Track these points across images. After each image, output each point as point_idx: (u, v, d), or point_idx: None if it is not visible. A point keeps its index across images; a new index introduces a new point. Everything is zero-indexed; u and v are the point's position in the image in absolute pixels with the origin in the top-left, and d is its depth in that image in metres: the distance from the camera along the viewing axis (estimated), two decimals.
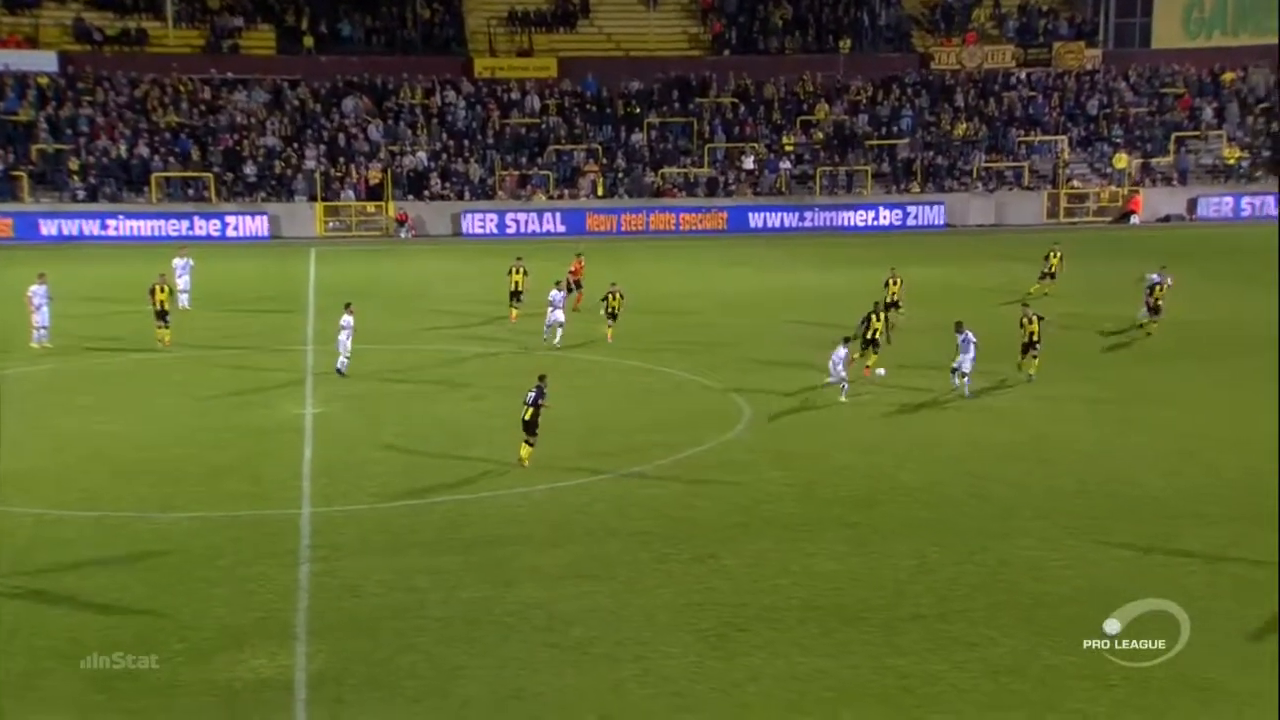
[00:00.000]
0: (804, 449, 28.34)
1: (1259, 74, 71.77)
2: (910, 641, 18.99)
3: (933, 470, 26.72)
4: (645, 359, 36.73)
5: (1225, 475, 26.11)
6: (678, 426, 29.96)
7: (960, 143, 68.08)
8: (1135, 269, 50.45)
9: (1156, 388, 33.16)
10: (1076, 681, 17.67)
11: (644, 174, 66.27)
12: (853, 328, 33.74)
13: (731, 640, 19.08)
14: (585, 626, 19.53)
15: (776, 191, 65.93)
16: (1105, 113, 69.99)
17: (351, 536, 23.34)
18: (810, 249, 58.65)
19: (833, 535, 23.22)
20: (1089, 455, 27.54)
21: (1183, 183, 66.52)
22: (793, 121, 69.31)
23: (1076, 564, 21.70)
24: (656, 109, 69.36)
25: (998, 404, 31.66)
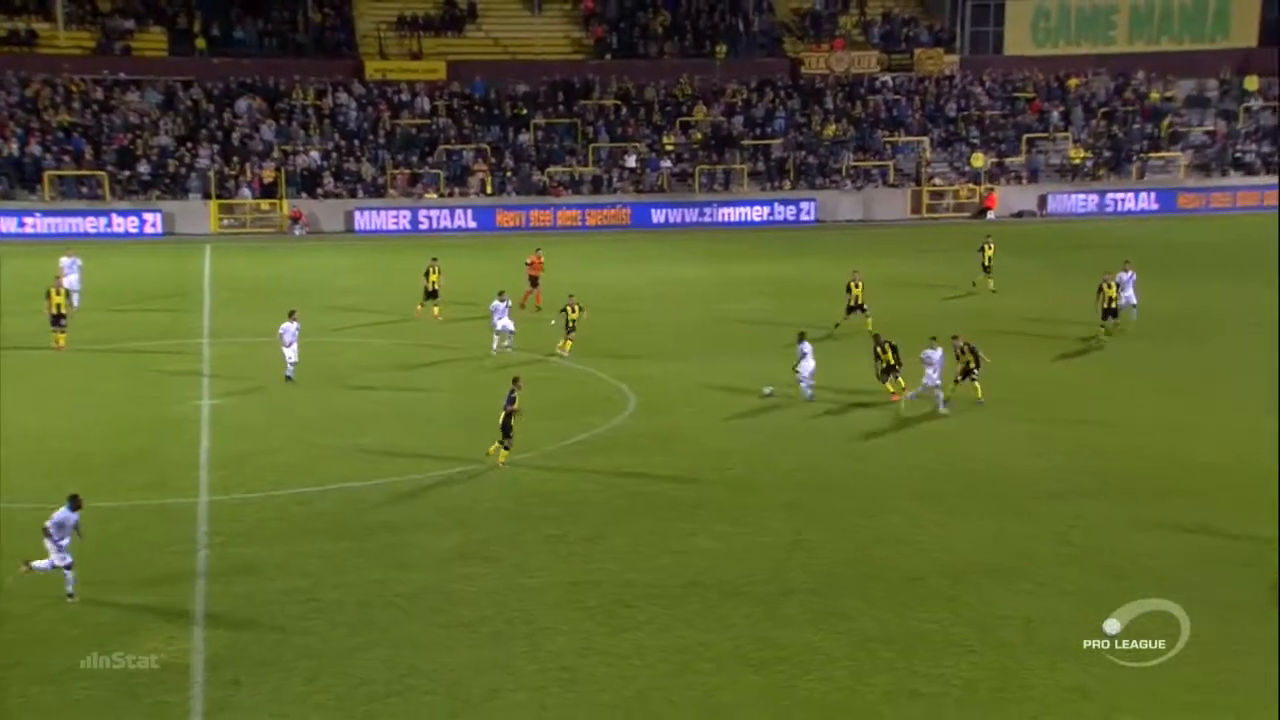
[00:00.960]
0: (688, 434, 28.43)
1: (1099, 80, 73.70)
2: (787, 614, 19.17)
3: (810, 453, 26.97)
4: (536, 349, 36.56)
5: (1080, 456, 26.64)
6: (567, 414, 29.88)
7: (830, 143, 68.88)
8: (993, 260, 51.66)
9: (1021, 376, 33.64)
10: (940, 647, 17.98)
11: (531, 173, 66.01)
12: (741, 316, 33.87)
13: (618, 616, 19.09)
14: (476, 606, 19.40)
15: (658, 189, 66.10)
16: (963, 115, 71.30)
17: (248, 523, 22.91)
18: (690, 243, 58.89)
19: (715, 515, 23.34)
20: (955, 438, 27.95)
21: (1033, 180, 68.05)
22: (672, 122, 69.55)
23: (941, 539, 22.07)
24: (542, 110, 69.13)
25: (870, 386, 31.96)
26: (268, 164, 63.73)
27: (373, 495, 24.45)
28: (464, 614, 19.14)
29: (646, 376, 33.18)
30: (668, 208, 64.52)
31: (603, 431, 28.62)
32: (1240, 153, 69.97)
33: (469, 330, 38.71)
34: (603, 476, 25.48)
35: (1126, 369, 34.02)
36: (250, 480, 25.17)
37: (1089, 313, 37.34)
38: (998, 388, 31.34)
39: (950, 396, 29.71)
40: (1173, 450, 26.77)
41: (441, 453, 26.78)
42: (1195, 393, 31.31)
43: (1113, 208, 66.34)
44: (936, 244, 57.27)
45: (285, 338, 32.40)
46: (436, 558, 21.36)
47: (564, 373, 34.13)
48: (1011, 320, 39.77)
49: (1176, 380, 32.74)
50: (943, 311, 40.58)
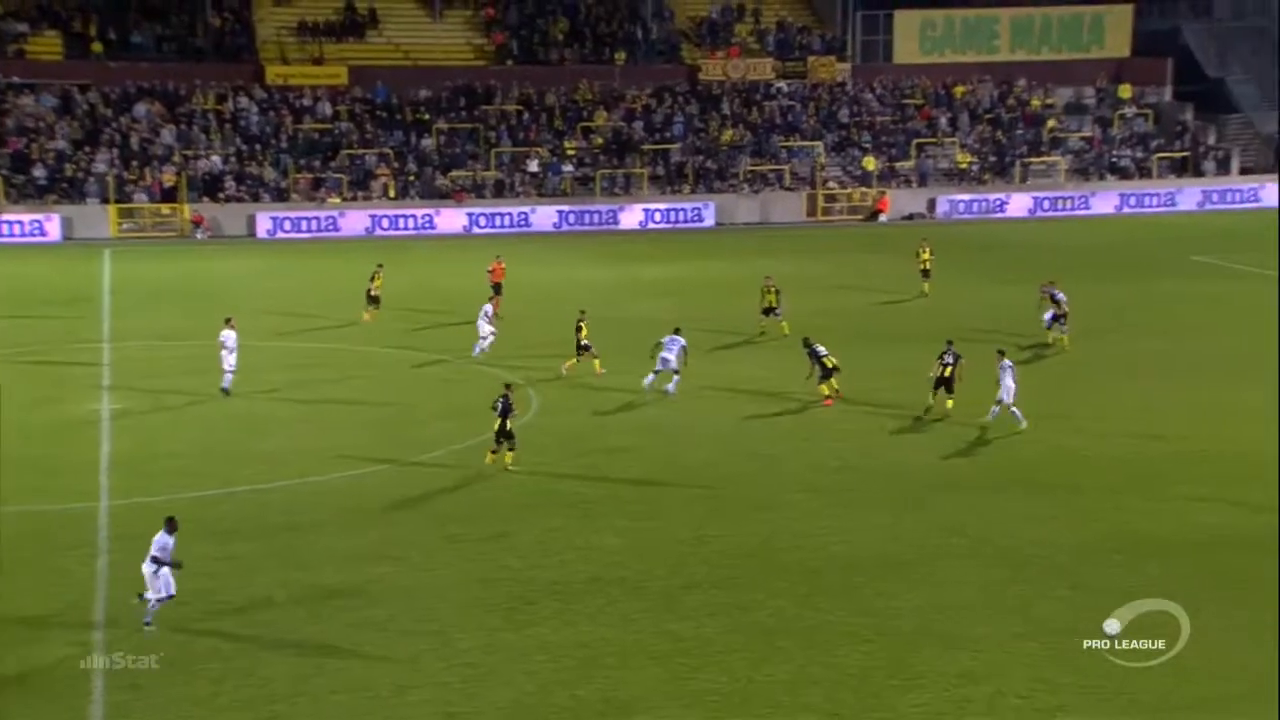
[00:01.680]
0: (591, 433, 28.42)
1: (984, 88, 75.12)
2: (688, 608, 19.25)
3: (710, 450, 27.09)
4: (438, 351, 36.30)
5: (975, 451, 26.97)
6: (470, 414, 29.64)
7: (727, 148, 69.33)
8: (885, 261, 52.51)
9: (916, 372, 34.04)
10: (837, 638, 18.19)
11: (434, 177, 65.50)
12: (636, 318, 33.93)
13: (521, 613, 19.02)
14: (382, 606, 19.21)
15: (560, 193, 65.99)
16: (855, 121, 72.19)
17: (150, 527, 22.24)
18: (591, 246, 58.85)
19: (618, 512, 23.37)
20: (853, 435, 28.19)
21: (923, 184, 69.10)
22: (573, 127, 69.46)
23: (837, 532, 22.30)
24: (444, 115, 68.63)
25: (770, 387, 32.24)
26: (168, 168, 62.42)
27: (277, 497, 24.07)
28: (370, 613, 18.94)
29: (551, 378, 33.08)
30: (570, 211, 64.41)
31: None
32: (1116, 158, 71.76)
33: (379, 333, 38.32)
34: (506, 475, 25.35)
35: (1022, 366, 34.51)
36: (152, 484, 24.64)
37: (988, 309, 37.89)
38: (899, 385, 31.82)
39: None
40: (1062, 443, 27.34)
41: (347, 454, 26.44)
42: (1085, 387, 31.97)
43: (998, 210, 67.59)
44: (832, 245, 57.95)
45: (228, 344, 30.82)
46: (342, 558, 21.09)
47: (467, 373, 33.90)
48: (909, 319, 40.40)
49: (1067, 376, 33.39)
50: (842, 308, 41.00)
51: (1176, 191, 69.08)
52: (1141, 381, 31.66)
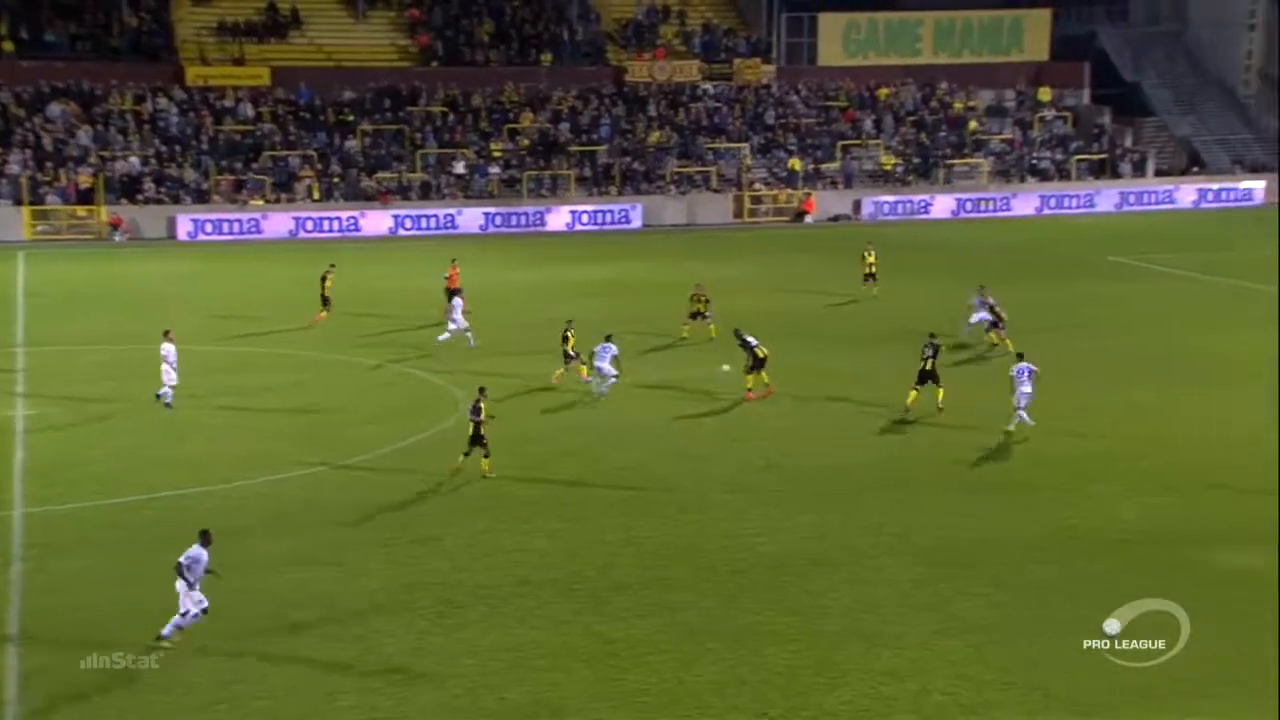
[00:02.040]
0: (522, 434, 28.30)
1: (907, 90, 76.02)
2: (617, 609, 19.28)
3: (640, 451, 27.13)
4: (366, 354, 36.03)
5: (898, 449, 27.31)
6: (399, 417, 29.53)
7: (654, 149, 69.51)
8: (811, 260, 52.98)
9: (847, 371, 34.37)
10: (764, 637, 18.31)
11: (359, 179, 64.97)
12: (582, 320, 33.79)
13: (450, 616, 18.95)
14: (308, 610, 19.04)
15: (487, 195, 65.75)
16: (781, 123, 72.70)
17: (67, 536, 22.03)
18: (518, 248, 58.69)
19: (548, 514, 23.35)
20: (782, 434, 28.37)
21: (848, 186, 69.76)
22: (500, 129, 69.25)
23: (764, 532, 22.44)
24: (369, 117, 68.09)
25: (699, 387, 32.36)
26: (84, 170, 61.30)
27: (201, 503, 23.74)
28: (296, 618, 18.76)
29: (477, 379, 32.89)
30: (496, 213, 64.20)
31: (434, 434, 28.33)
32: (1036, 160, 72.95)
33: (307, 337, 37.93)
34: (434, 478, 25.23)
35: (949, 365, 34.90)
36: (70, 491, 24.20)
37: (920, 309, 38.19)
38: (826, 384, 32.12)
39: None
40: (986, 442, 27.73)
41: (274, 459, 26.15)
42: (1007, 387, 32.36)
43: (922, 211, 68.41)
44: (760, 247, 58.31)
45: (169, 358, 29.88)
46: (267, 563, 20.86)
47: (394, 377, 33.68)
48: (847, 320, 40.80)
49: (990, 376, 33.80)
50: (773, 309, 41.24)
51: (1095, 193, 70.38)
52: (1062, 380, 32.13)
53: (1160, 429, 28.25)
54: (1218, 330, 38.56)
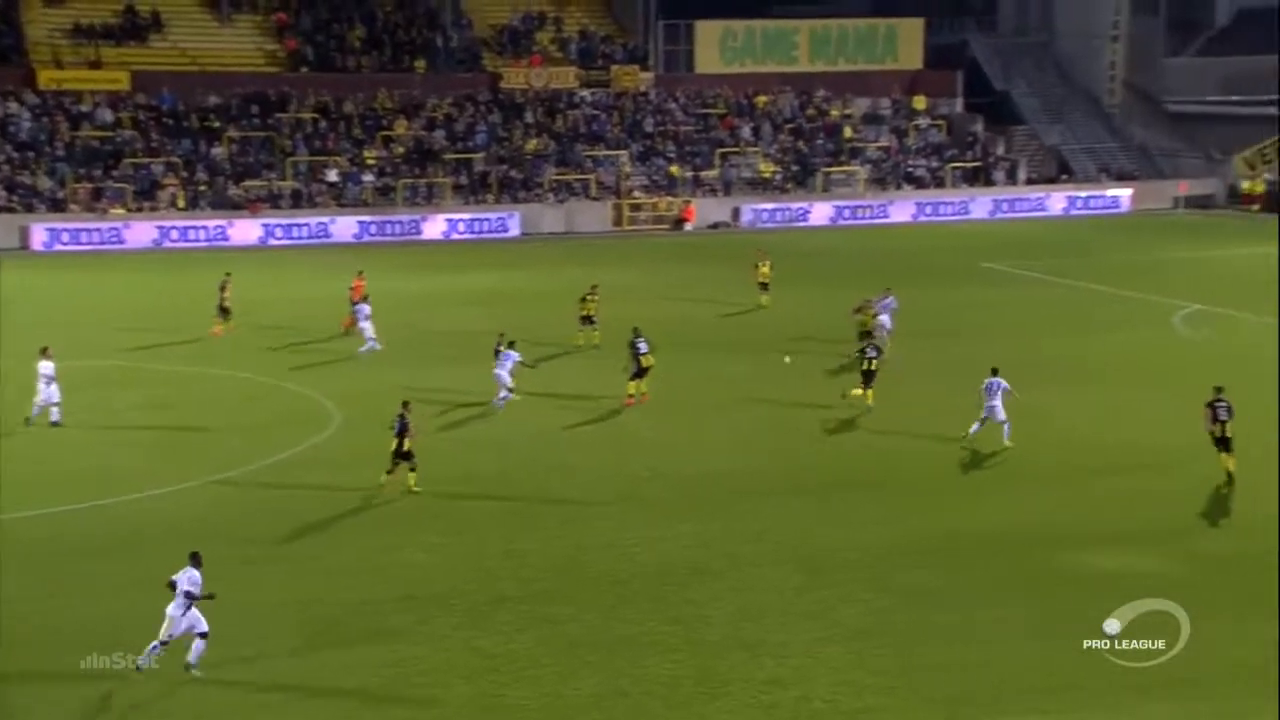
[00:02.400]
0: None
1: (785, 98, 77.14)
2: (497, 623, 19.23)
3: (522, 462, 27.07)
4: (234, 366, 35.37)
5: (779, 456, 27.63)
6: (271, 431, 29.06)
7: (531, 157, 69.47)
8: (693, 269, 53.46)
9: (728, 377, 34.67)
10: (645, 648, 18.39)
11: (226, 187, 63.76)
12: (429, 330, 33.66)
13: (325, 635, 18.71)
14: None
15: (361, 203, 65.06)
16: (660, 130, 73.22)
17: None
18: (394, 257, 58.11)
19: (427, 527, 23.20)
20: (662, 444, 28.50)
21: (727, 193, 70.52)
22: (373, 136, 68.60)
23: (645, 542, 22.55)
24: (236, 123, 66.89)
25: (581, 396, 32.41)
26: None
27: (58, 524, 23.07)
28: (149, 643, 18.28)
29: (352, 390, 32.62)
30: (371, 221, 63.52)
31: (307, 448, 27.97)
32: (911, 167, 74.59)
33: (174, 350, 37.12)
34: (309, 493, 24.91)
35: (825, 371, 35.47)
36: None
37: (812, 316, 38.49)
38: (709, 390, 32.41)
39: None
40: (867, 445, 28.25)
41: (139, 476, 25.53)
42: (886, 390, 32.98)
43: (801, 219, 69.40)
44: (639, 254, 58.63)
45: (46, 374, 28.89)
46: (128, 585, 20.29)
47: (264, 389, 33.14)
48: (719, 326, 41.15)
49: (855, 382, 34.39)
50: (656, 318, 41.43)
51: (969, 200, 72.17)
52: (936, 384, 32.91)
53: (1034, 431, 29.04)
54: (1082, 334, 39.84)
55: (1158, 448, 27.68)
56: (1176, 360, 36.10)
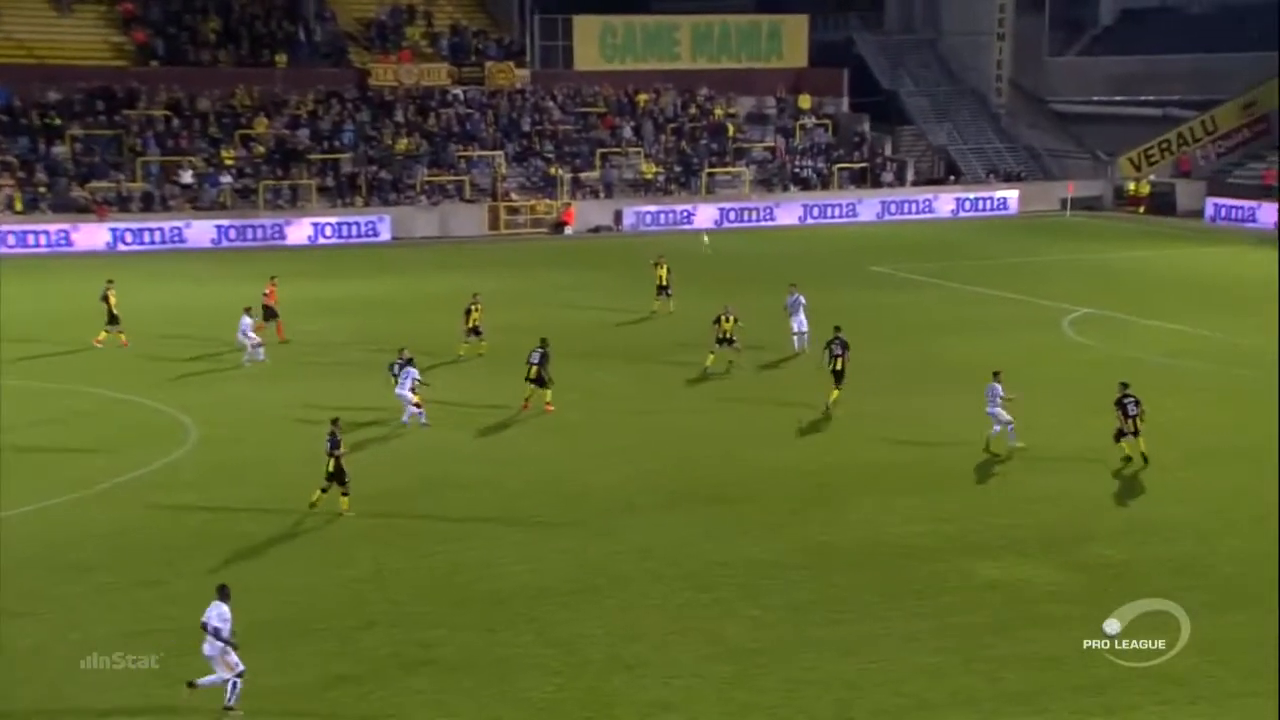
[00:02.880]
0: (257, 465, 27.56)
1: (667, 96, 77.56)
2: (364, 649, 18.97)
3: (391, 479, 26.71)
4: (72, 381, 34.37)
5: (659, 470, 27.56)
6: (120, 448, 28.32)
7: (402, 157, 68.77)
8: (574, 275, 53.39)
9: (598, 390, 34.70)
10: (524, 670, 18.31)
11: (69, 189, 62.01)
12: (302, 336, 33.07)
13: (179, 666, 18.20)
14: (17, 668, 18.09)
15: (219, 206, 63.75)
16: (537, 129, 73.04)
17: None
18: (255, 263, 57.02)
19: (290, 549, 22.83)
20: (540, 458, 28.42)
21: (609, 195, 70.60)
22: (231, 135, 67.29)
23: (524, 560, 22.44)
24: (79, 120, 65.07)
25: (459, 408, 32.15)
26: None
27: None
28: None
29: (210, 405, 31.96)
30: (230, 225, 62.31)
31: (161, 466, 27.31)
32: (798, 168, 75.49)
33: (28, 368, 35.97)
34: (162, 514, 24.34)
35: (708, 382, 35.67)
36: None
37: (684, 321, 38.62)
38: (597, 403, 32.35)
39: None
40: (744, 456, 28.42)
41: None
42: (763, 398, 33.33)
43: (685, 221, 69.71)
44: (518, 259, 58.38)
45: None
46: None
47: (113, 404, 32.28)
48: (603, 333, 41.11)
49: (747, 384, 34.70)
50: (537, 325, 41.35)
51: (857, 202, 73.25)
52: (819, 391, 33.24)
53: (920, 436, 29.53)
54: (971, 337, 40.63)
55: (1049, 452, 28.32)
56: (1067, 364, 37.00)
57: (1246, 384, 34.19)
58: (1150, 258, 58.98)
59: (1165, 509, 24.91)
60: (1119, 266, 55.86)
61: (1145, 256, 59.19)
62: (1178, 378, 34.67)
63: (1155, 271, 54.92)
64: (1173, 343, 39.62)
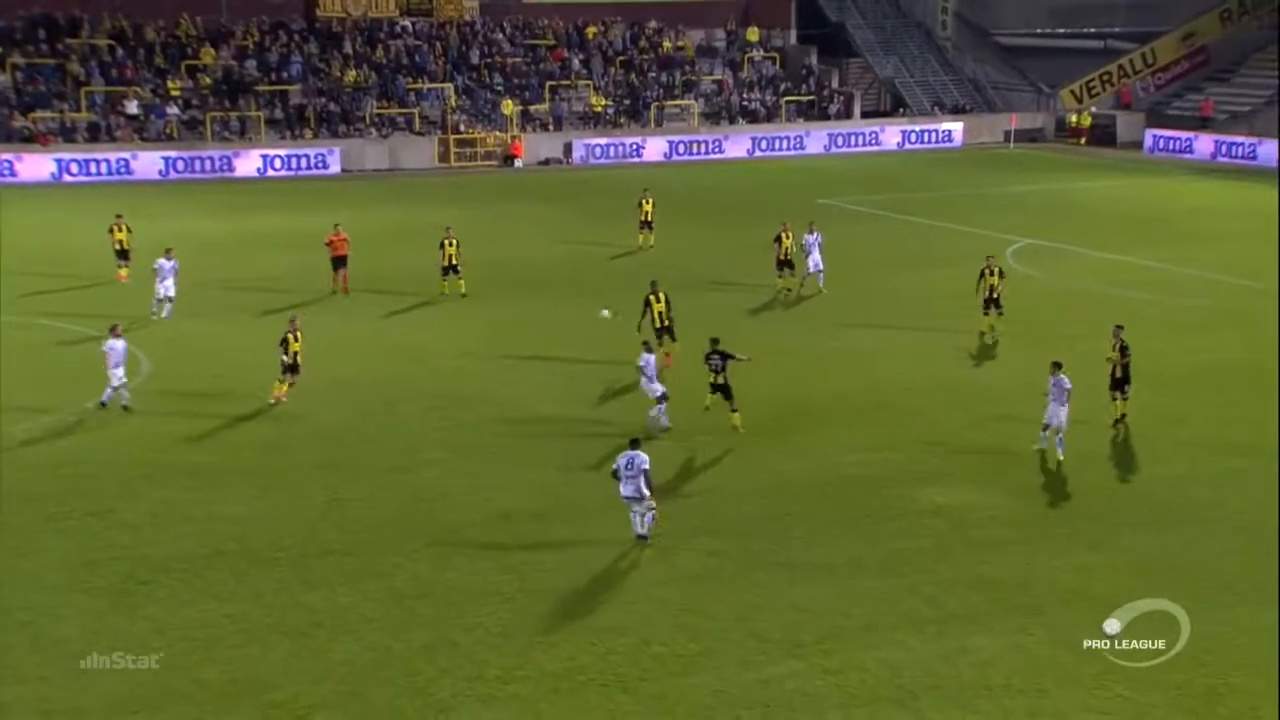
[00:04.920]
0: (211, 397, 27.21)
1: (616, 29, 76.73)
2: (320, 577, 18.88)
3: (344, 410, 26.50)
4: (18, 312, 33.81)
5: (613, 402, 27.38)
6: (63, 381, 27.90)
7: (351, 90, 67.77)
8: (525, 208, 52.97)
9: (549, 321, 34.57)
10: (479, 597, 18.27)
11: (11, 118, 60.67)
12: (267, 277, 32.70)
13: (133, 595, 18.11)
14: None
15: (166, 138, 62.64)
16: (487, 63, 72.12)
17: None
18: (204, 196, 56.22)
19: (242, 480, 22.61)
20: (489, 385, 28.26)
21: (559, 128, 69.98)
22: (177, 66, 66.00)
23: (479, 490, 22.33)
24: (20, 48, 63.60)
25: (409, 340, 31.90)
26: None
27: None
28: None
29: (160, 339, 31.52)
30: (178, 157, 61.27)
31: (108, 397, 26.85)
32: (746, 101, 75.05)
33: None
34: (111, 445, 24.09)
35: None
36: None
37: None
38: (528, 334, 32.17)
39: None
40: (698, 390, 28.41)
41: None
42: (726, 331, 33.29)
43: (634, 154, 69.32)
44: (468, 193, 57.82)
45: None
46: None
47: (61, 336, 31.76)
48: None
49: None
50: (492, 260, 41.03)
51: (805, 134, 73.00)
52: (775, 325, 33.23)
53: (869, 368, 29.64)
54: (916, 269, 40.75)
55: (995, 381, 28.50)
56: (1012, 295, 37.13)
57: (1185, 314, 34.55)
58: (1091, 189, 59.26)
59: (1104, 436, 25.13)
60: (1061, 198, 56.10)
61: (1086, 188, 59.46)
62: (1119, 306, 34.93)
63: (1096, 203, 55.19)
64: (1114, 273, 39.90)
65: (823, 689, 15.95)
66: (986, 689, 15.96)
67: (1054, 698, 15.80)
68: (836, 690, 15.93)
